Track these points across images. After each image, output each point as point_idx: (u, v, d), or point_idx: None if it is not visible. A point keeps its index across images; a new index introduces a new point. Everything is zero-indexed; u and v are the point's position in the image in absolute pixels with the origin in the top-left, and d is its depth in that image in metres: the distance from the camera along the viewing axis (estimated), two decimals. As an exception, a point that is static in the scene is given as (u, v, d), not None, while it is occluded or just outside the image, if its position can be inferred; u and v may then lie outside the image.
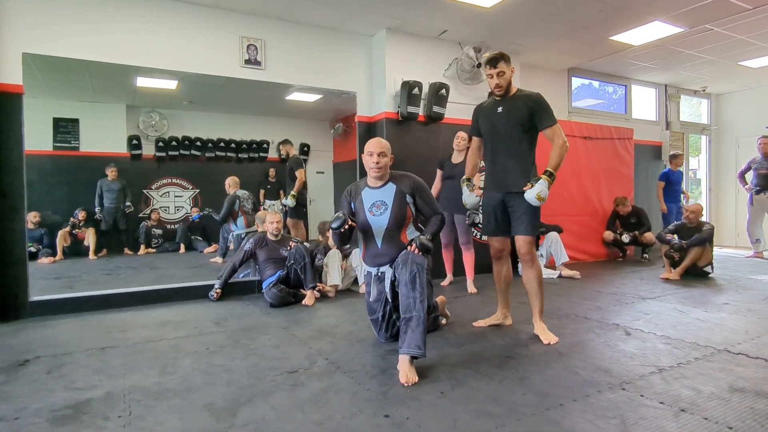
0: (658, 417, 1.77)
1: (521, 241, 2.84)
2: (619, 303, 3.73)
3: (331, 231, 2.65)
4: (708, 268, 4.88)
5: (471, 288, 4.42)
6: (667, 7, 4.50)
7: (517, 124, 2.78)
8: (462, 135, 4.54)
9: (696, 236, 4.77)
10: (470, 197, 3.01)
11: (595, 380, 2.14)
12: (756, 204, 6.26)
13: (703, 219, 5.02)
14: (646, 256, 6.13)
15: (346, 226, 2.55)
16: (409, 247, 2.46)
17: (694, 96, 8.14)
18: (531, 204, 2.69)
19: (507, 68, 2.77)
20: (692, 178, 8.56)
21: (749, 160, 6.42)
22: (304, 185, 5.50)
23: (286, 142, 5.74)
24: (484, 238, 5.35)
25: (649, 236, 5.93)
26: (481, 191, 3.06)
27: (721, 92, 8.24)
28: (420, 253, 2.40)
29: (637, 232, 5.98)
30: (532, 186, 2.66)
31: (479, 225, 4.53)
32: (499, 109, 2.84)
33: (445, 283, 4.66)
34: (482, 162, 3.30)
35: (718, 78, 7.26)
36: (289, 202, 5.35)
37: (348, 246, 4.41)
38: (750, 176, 6.38)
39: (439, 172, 4.58)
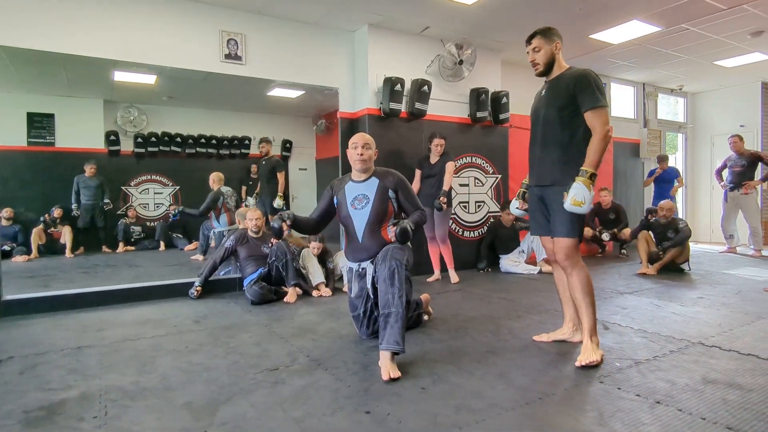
0: (635, 409, 1.80)
1: (557, 245, 2.45)
2: (598, 298, 3.75)
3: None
4: (684, 265, 4.99)
5: (453, 277, 4.55)
6: (644, 6, 4.57)
7: (554, 108, 2.43)
8: (440, 142, 4.54)
9: (676, 237, 4.87)
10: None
11: (574, 374, 2.17)
12: (730, 200, 6.41)
13: (679, 215, 5.12)
14: (624, 251, 6.25)
15: (286, 229, 2.59)
16: (390, 228, 2.48)
17: (671, 94, 8.30)
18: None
19: (545, 44, 2.47)
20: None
21: (725, 157, 6.57)
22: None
23: (266, 141, 5.68)
24: (467, 234, 5.43)
25: (627, 232, 6.03)
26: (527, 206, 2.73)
27: (696, 91, 8.42)
28: (397, 235, 2.40)
29: (615, 229, 6.08)
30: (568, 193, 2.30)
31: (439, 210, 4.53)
32: (543, 92, 2.55)
33: (432, 279, 4.66)
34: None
35: (693, 77, 7.41)
36: (279, 202, 5.34)
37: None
38: (726, 173, 6.53)
39: (418, 172, 4.61)
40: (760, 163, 6.30)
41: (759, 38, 5.53)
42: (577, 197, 2.25)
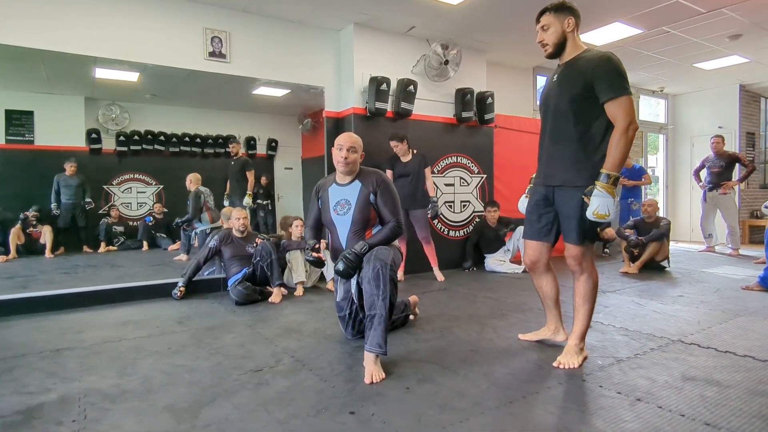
0: (616, 407, 1.83)
1: (568, 251, 2.31)
2: (581, 297, 3.82)
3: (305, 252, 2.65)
4: (665, 263, 5.09)
5: (438, 276, 4.54)
6: (627, 9, 4.64)
7: (567, 96, 2.17)
8: (394, 144, 4.50)
9: (654, 232, 4.96)
10: (523, 203, 2.56)
11: (557, 372, 2.20)
12: (709, 200, 6.53)
13: (660, 214, 5.22)
14: (607, 250, 6.34)
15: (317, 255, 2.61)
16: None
17: (652, 96, 8.43)
18: (582, 206, 2.17)
19: (557, 20, 2.20)
20: (650, 176, 8.84)
21: (703, 158, 6.69)
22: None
23: (234, 140, 5.64)
24: (452, 233, 5.45)
25: (610, 232, 6.11)
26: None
27: (677, 93, 8.57)
28: (335, 268, 2.44)
29: (598, 228, 6.15)
30: (589, 201, 2.07)
31: (441, 216, 4.47)
32: (555, 77, 2.28)
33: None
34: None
35: (674, 79, 7.54)
36: (248, 201, 5.33)
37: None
38: (704, 174, 6.65)
39: (389, 172, 4.57)
40: (737, 164, 6.44)
41: (737, 41, 5.65)
42: (601, 210, 2.03)
